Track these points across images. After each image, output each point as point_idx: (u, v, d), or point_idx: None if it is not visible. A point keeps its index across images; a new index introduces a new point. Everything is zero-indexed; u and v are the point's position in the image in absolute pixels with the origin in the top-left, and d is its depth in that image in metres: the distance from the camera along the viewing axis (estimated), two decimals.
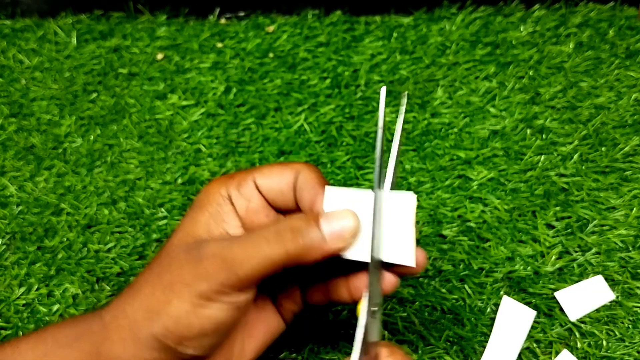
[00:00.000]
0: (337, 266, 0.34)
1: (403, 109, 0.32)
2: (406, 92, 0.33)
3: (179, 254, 0.32)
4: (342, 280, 0.35)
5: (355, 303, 0.34)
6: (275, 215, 0.36)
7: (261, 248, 0.30)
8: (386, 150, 0.31)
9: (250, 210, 0.34)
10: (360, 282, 0.34)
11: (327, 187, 0.32)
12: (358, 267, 0.33)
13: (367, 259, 0.31)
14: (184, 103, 0.58)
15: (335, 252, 0.31)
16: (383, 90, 0.28)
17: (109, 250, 0.50)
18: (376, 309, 0.31)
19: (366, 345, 0.30)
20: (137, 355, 0.31)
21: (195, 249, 0.32)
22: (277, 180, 0.34)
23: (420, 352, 0.43)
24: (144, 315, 0.31)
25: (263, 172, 0.35)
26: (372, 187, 0.31)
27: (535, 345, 0.44)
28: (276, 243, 0.30)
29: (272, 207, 0.35)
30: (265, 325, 0.37)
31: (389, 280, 0.33)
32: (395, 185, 0.33)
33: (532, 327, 0.44)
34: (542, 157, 0.52)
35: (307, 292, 0.38)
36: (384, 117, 0.30)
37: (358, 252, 0.32)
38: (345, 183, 0.52)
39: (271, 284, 0.35)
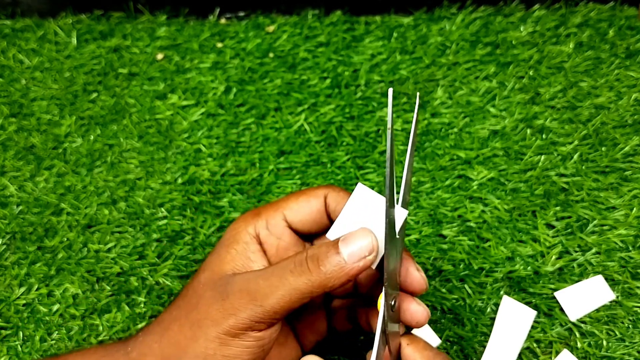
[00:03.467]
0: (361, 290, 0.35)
1: (415, 116, 0.32)
2: (418, 94, 0.32)
3: (205, 291, 0.32)
4: (362, 311, 0.36)
5: (372, 331, 0.35)
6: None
7: (286, 279, 0.30)
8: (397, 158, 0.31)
9: (280, 248, 0.35)
10: (373, 321, 0.35)
11: (359, 184, 0.33)
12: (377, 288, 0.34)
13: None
14: (184, 103, 0.58)
15: (359, 272, 0.31)
16: (390, 92, 0.28)
17: (109, 250, 0.50)
18: (393, 302, 0.32)
19: (386, 335, 0.31)
20: None
21: (222, 286, 0.32)
22: (307, 211, 0.35)
23: None
24: (172, 353, 0.31)
25: (291, 206, 0.35)
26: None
27: (535, 345, 0.44)
28: (300, 274, 0.31)
29: (302, 237, 0.36)
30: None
31: (420, 313, 0.33)
32: (409, 188, 0.33)
33: (532, 327, 0.44)
34: (542, 157, 0.52)
35: (333, 318, 0.38)
36: (392, 119, 0.30)
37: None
38: (345, 183, 0.52)
39: (293, 315, 0.35)
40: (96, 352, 0.33)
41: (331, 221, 0.35)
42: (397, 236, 0.31)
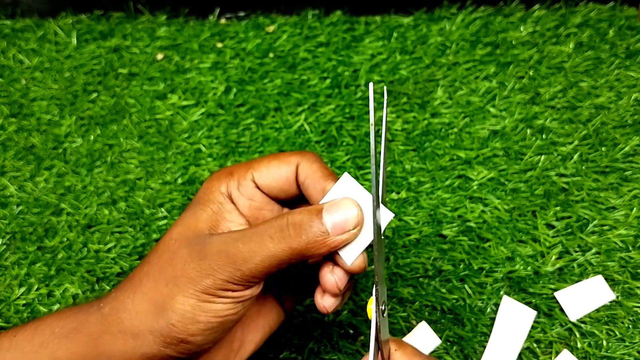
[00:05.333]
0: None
1: (385, 107, 0.31)
2: (385, 88, 0.32)
3: (180, 248, 0.32)
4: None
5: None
6: (279, 209, 0.36)
7: (265, 245, 0.30)
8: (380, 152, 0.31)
9: (253, 208, 0.34)
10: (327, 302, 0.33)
11: (345, 174, 0.32)
12: None
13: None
14: (184, 103, 0.58)
15: (341, 244, 0.31)
16: (371, 87, 0.27)
17: (109, 250, 0.50)
18: (383, 307, 0.31)
19: (379, 343, 0.31)
20: (137, 349, 0.31)
21: (198, 245, 0.31)
22: (276, 177, 0.34)
23: None
24: (147, 309, 0.31)
25: (260, 169, 0.34)
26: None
27: (535, 345, 0.44)
28: (280, 240, 0.30)
29: (275, 200, 0.35)
30: (265, 318, 0.37)
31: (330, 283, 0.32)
32: (385, 191, 0.33)
33: (532, 327, 0.44)
34: (542, 157, 0.52)
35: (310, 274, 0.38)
36: (374, 115, 0.29)
37: (351, 254, 0.31)
38: None
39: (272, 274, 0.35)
40: (70, 310, 0.33)
41: (301, 192, 0.34)
42: (382, 237, 0.31)
